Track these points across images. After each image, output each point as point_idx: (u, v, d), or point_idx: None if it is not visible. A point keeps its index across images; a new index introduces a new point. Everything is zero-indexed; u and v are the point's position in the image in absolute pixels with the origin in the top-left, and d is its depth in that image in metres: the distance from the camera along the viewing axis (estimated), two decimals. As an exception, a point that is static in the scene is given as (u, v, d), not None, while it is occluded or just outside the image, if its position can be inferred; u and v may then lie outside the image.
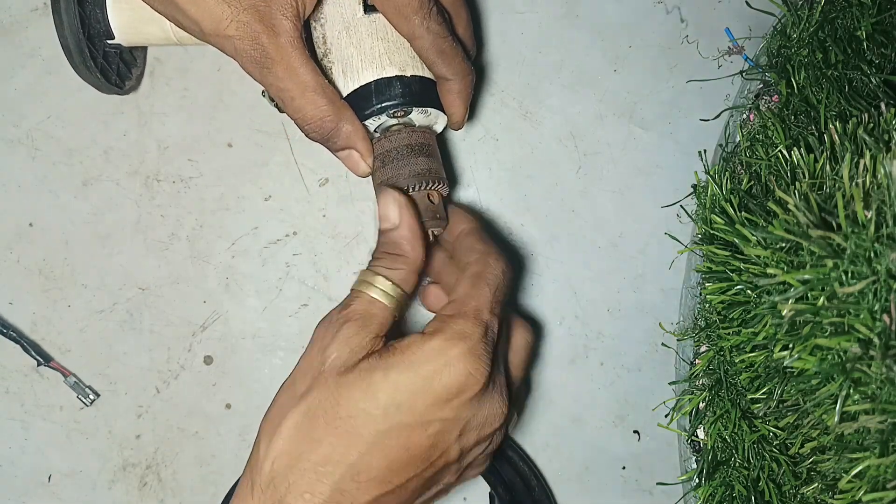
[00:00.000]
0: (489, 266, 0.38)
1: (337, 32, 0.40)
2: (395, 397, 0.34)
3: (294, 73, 0.36)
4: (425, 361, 0.34)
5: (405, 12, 0.36)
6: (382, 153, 0.41)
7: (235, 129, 0.50)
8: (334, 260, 0.51)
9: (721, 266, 0.38)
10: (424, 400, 0.34)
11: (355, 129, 0.39)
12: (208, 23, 0.35)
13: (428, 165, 0.40)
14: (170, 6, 0.36)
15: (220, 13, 0.34)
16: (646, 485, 0.52)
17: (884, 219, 0.27)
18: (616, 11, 0.51)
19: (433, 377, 0.34)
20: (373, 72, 0.39)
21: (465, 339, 0.34)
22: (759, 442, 0.42)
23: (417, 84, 0.40)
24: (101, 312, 0.50)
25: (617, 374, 0.52)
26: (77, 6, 0.41)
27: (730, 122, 0.47)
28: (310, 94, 0.37)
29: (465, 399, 0.34)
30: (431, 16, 0.37)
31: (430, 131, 0.43)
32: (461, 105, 0.41)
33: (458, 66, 0.39)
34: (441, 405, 0.34)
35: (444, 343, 0.34)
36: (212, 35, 0.36)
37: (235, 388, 0.51)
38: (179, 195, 0.50)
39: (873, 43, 0.42)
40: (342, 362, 0.35)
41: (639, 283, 0.51)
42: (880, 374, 0.26)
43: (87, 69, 0.43)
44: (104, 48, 0.44)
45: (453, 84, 0.40)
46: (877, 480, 0.28)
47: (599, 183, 0.51)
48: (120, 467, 0.51)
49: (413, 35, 0.37)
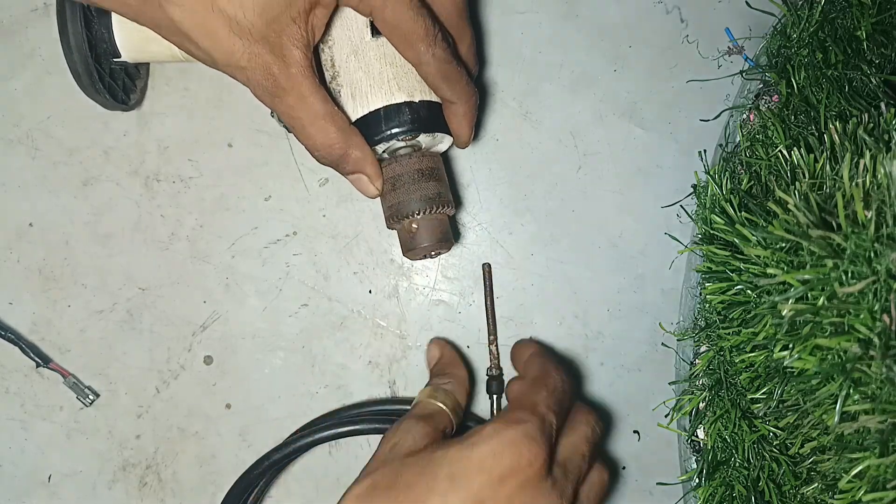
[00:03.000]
0: (548, 372, 0.42)
1: (345, 56, 0.40)
2: (451, 471, 0.35)
3: (305, 101, 0.37)
4: (482, 442, 0.36)
5: (411, 40, 0.37)
6: (393, 177, 0.42)
7: (235, 129, 0.50)
8: (334, 260, 0.51)
9: (721, 266, 0.38)
10: (480, 478, 0.35)
11: (364, 154, 0.40)
12: (221, 55, 0.35)
13: (437, 190, 0.42)
14: (182, 38, 0.36)
15: (233, 46, 0.35)
16: (646, 485, 0.52)
17: (884, 219, 0.27)
18: (616, 11, 0.51)
19: (488, 456, 0.35)
20: (382, 97, 0.40)
21: (522, 423, 0.36)
22: (759, 442, 0.42)
23: (425, 109, 0.41)
24: (101, 312, 0.50)
25: (617, 374, 0.52)
26: (84, 28, 0.41)
27: (730, 122, 0.47)
28: (320, 121, 0.38)
29: (519, 481, 0.35)
30: (437, 42, 0.37)
31: (437, 154, 0.44)
32: (467, 127, 0.42)
33: (462, 90, 0.40)
34: (495, 485, 0.35)
35: (501, 426, 0.36)
36: (224, 66, 0.36)
37: (235, 388, 0.51)
38: (179, 195, 0.50)
39: (873, 43, 0.42)
40: (407, 448, 0.38)
41: (639, 283, 0.51)
42: (880, 374, 0.26)
43: (95, 91, 0.43)
44: (110, 66, 0.44)
45: (458, 107, 0.41)
46: (877, 480, 0.28)
47: (599, 183, 0.51)
48: (120, 467, 0.51)
49: (418, 62, 0.38)
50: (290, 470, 0.51)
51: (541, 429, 0.37)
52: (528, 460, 0.35)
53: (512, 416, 0.37)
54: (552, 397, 0.39)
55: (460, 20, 0.40)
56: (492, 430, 0.36)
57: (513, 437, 0.35)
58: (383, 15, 0.36)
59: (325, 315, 0.51)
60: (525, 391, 0.40)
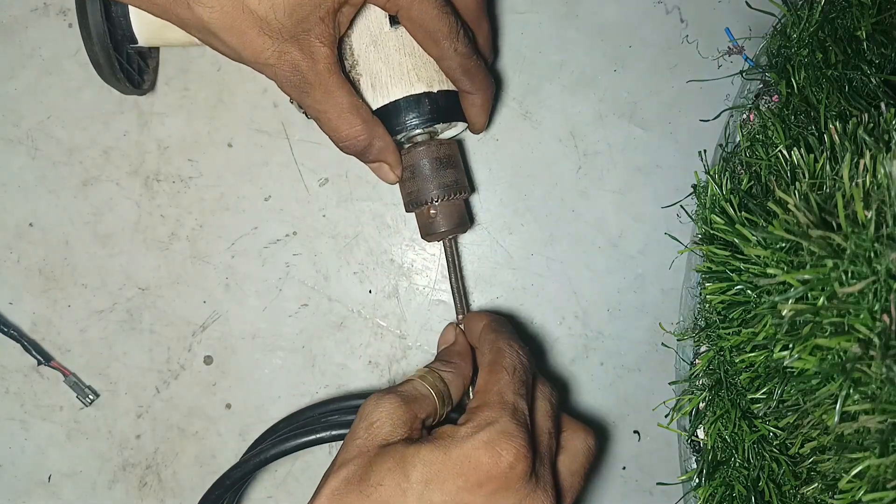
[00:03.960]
0: (502, 352, 0.39)
1: (364, 45, 0.41)
2: (425, 474, 0.34)
3: (331, 95, 0.38)
4: (456, 445, 0.34)
5: (435, 37, 0.38)
6: (411, 165, 0.43)
7: (235, 129, 0.50)
8: (334, 260, 0.51)
9: (721, 266, 0.38)
10: (455, 482, 0.33)
11: (386, 143, 0.41)
12: (249, 52, 0.36)
13: (454, 177, 0.44)
14: (209, 35, 0.36)
15: (262, 44, 0.35)
16: (646, 485, 0.52)
17: (884, 219, 0.27)
18: (616, 11, 0.51)
19: (464, 460, 0.34)
20: (402, 88, 0.41)
21: (493, 423, 0.35)
22: (759, 442, 0.42)
23: (444, 99, 0.42)
24: (101, 312, 0.50)
25: (617, 374, 0.52)
26: (104, 18, 0.41)
27: (730, 122, 0.47)
28: (346, 114, 0.39)
29: (497, 485, 0.34)
30: (459, 38, 0.38)
31: (454, 141, 0.45)
32: (483, 116, 0.43)
33: (481, 82, 0.41)
34: (472, 489, 0.33)
35: (473, 429, 0.35)
36: (251, 62, 0.37)
37: (235, 388, 0.51)
38: (179, 195, 0.50)
39: (873, 43, 0.42)
40: (384, 435, 0.36)
41: (639, 283, 0.51)
42: (880, 374, 0.26)
43: (116, 80, 0.43)
44: (126, 52, 0.44)
45: (476, 98, 0.42)
46: (877, 480, 0.28)
47: (599, 183, 0.51)
48: (120, 467, 0.51)
49: (441, 57, 0.39)
50: (290, 470, 0.51)
51: (515, 420, 0.35)
52: (509, 463, 0.34)
53: (482, 417, 0.35)
54: (514, 379, 0.37)
55: (479, 12, 0.40)
56: (465, 435, 0.34)
57: (487, 439, 0.34)
58: (409, 14, 0.37)
59: (325, 315, 0.51)
60: (487, 380, 0.38)
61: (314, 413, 0.48)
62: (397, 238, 0.51)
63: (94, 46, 0.41)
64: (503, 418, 0.35)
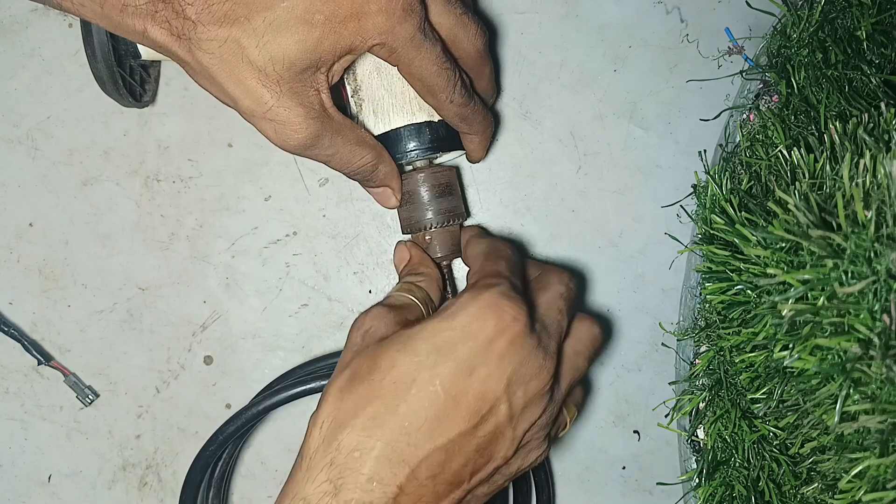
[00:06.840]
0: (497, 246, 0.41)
1: (368, 72, 0.41)
2: (434, 343, 0.34)
3: (335, 140, 0.38)
4: (460, 311, 0.34)
5: (433, 91, 0.38)
6: (410, 191, 0.44)
7: (235, 129, 0.50)
8: (334, 260, 0.51)
9: (721, 266, 0.38)
10: (465, 344, 0.34)
11: (391, 169, 0.42)
12: (247, 102, 0.35)
13: (450, 204, 0.45)
14: (208, 81, 0.35)
15: (261, 96, 0.35)
16: (646, 485, 0.52)
17: (884, 219, 0.27)
18: (616, 11, 0.51)
19: (470, 323, 0.34)
20: (403, 116, 0.42)
21: (493, 286, 0.35)
22: (759, 442, 0.42)
23: (445, 129, 0.43)
24: (101, 312, 0.50)
25: (617, 374, 0.52)
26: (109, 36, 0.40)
27: (730, 122, 0.47)
28: (353, 147, 0.39)
29: (508, 340, 0.34)
30: (455, 90, 0.39)
31: (452, 168, 0.46)
32: (481, 150, 0.45)
33: (478, 125, 0.42)
34: (482, 349, 0.34)
35: (475, 293, 0.35)
36: (247, 115, 0.36)
37: (235, 388, 0.51)
38: (179, 195, 0.50)
39: (873, 43, 0.42)
40: (381, 334, 0.36)
41: (639, 283, 0.51)
42: (880, 374, 0.26)
43: (119, 95, 0.43)
44: (129, 65, 0.44)
45: (474, 137, 0.43)
46: (877, 480, 0.28)
47: (599, 183, 0.51)
48: (120, 467, 0.51)
49: (439, 108, 0.40)
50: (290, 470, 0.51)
51: (513, 287, 0.36)
52: (512, 316, 0.34)
53: (482, 283, 0.36)
54: (510, 266, 0.39)
55: (480, 58, 0.40)
56: (467, 298, 0.35)
57: (490, 300, 0.34)
58: (409, 70, 0.37)
59: (325, 315, 0.51)
60: (482, 265, 0.39)
61: (308, 369, 0.49)
62: (397, 238, 0.51)
63: (98, 63, 0.41)
64: (502, 284, 0.36)
